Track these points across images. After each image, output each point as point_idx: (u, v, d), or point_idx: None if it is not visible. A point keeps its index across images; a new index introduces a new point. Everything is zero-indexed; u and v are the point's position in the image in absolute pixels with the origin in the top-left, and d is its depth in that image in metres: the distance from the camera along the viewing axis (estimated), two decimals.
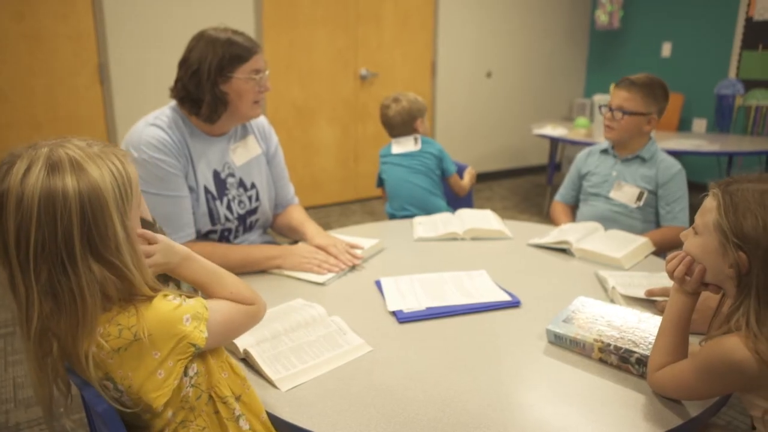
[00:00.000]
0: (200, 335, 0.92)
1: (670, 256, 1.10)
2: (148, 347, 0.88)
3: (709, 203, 1.02)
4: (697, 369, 0.98)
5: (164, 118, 1.67)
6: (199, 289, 1.03)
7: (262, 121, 1.92)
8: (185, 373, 0.94)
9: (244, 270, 1.64)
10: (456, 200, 2.60)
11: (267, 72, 1.71)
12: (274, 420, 1.02)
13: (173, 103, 1.71)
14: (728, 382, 0.95)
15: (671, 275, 1.09)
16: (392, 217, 2.49)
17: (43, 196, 0.81)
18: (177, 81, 1.66)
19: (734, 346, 0.92)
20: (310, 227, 1.86)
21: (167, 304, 0.91)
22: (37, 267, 0.82)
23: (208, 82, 1.61)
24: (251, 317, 1.04)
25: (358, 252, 1.73)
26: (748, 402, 0.99)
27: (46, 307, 0.85)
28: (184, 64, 1.64)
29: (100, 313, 0.88)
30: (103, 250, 0.85)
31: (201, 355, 0.97)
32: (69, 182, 0.82)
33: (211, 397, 0.99)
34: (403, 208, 2.44)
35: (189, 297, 0.95)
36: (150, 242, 0.96)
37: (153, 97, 2.15)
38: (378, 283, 1.55)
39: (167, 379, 0.90)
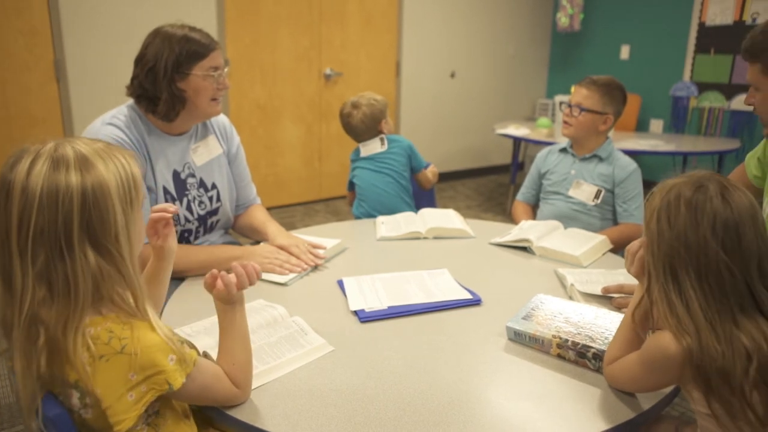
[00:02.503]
0: (179, 378, 0.92)
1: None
2: (128, 365, 0.88)
3: None
4: (640, 361, 1.02)
5: (121, 117, 1.63)
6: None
7: (223, 120, 1.89)
8: (145, 410, 0.93)
9: (205, 271, 1.61)
10: (419, 199, 2.61)
11: (226, 69, 1.69)
12: (235, 422, 1.01)
13: (131, 101, 1.67)
14: (668, 374, 0.99)
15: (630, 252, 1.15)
16: (359, 219, 2.47)
17: (46, 186, 0.85)
18: (133, 79, 1.63)
19: (668, 339, 0.96)
20: (272, 227, 1.84)
21: (160, 337, 0.92)
22: (35, 251, 0.85)
23: (165, 80, 1.58)
24: (229, 398, 1.02)
25: (321, 252, 1.72)
26: (689, 397, 1.02)
27: (39, 293, 0.86)
28: (140, 61, 1.61)
29: (90, 306, 0.89)
30: (101, 237, 0.88)
31: (166, 414, 0.99)
32: (73, 174, 0.86)
33: None
34: (370, 214, 2.41)
35: (189, 346, 0.97)
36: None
37: (112, 95, 2.09)
38: (340, 283, 1.55)
39: (137, 403, 0.89)
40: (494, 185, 5.93)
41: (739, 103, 4.98)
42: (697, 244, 0.95)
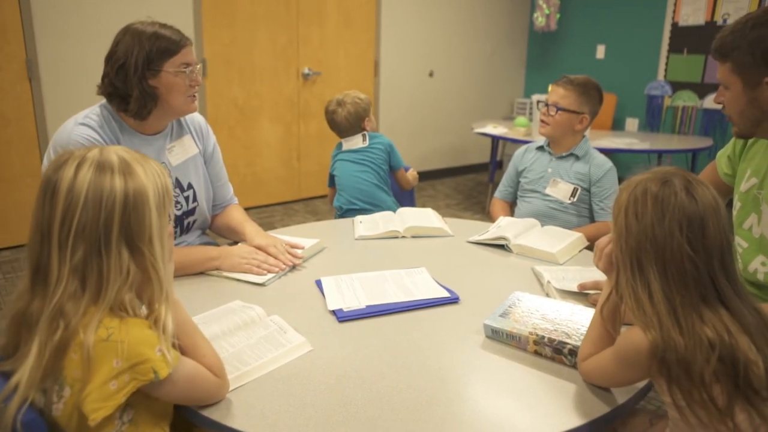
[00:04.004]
0: (165, 367, 0.92)
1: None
2: (113, 352, 0.89)
3: None
4: (614, 357, 1.03)
5: (94, 116, 1.61)
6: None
7: (199, 120, 1.87)
8: (119, 416, 0.94)
9: (182, 273, 1.60)
10: (399, 198, 2.62)
11: (199, 66, 1.67)
12: (212, 424, 1.00)
13: (104, 101, 1.65)
14: (640, 369, 1.00)
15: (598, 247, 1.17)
16: (339, 210, 2.51)
17: (92, 187, 0.91)
18: (104, 77, 1.60)
19: (640, 335, 0.97)
20: (250, 227, 1.83)
21: (149, 331, 0.94)
22: (75, 246, 0.91)
23: (135, 77, 1.55)
24: (215, 387, 1.03)
25: (299, 252, 1.71)
26: (660, 389, 1.04)
27: (71, 286, 0.91)
28: (110, 59, 1.58)
29: (113, 303, 0.92)
30: (137, 239, 0.94)
31: (139, 421, 0.98)
32: (117, 179, 0.93)
33: None
34: (350, 203, 2.46)
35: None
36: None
37: (86, 95, 2.05)
38: (318, 283, 1.55)
39: (118, 392, 0.89)
40: (473, 184, 5.96)
41: (711, 102, 5.07)
42: (663, 238, 0.97)
